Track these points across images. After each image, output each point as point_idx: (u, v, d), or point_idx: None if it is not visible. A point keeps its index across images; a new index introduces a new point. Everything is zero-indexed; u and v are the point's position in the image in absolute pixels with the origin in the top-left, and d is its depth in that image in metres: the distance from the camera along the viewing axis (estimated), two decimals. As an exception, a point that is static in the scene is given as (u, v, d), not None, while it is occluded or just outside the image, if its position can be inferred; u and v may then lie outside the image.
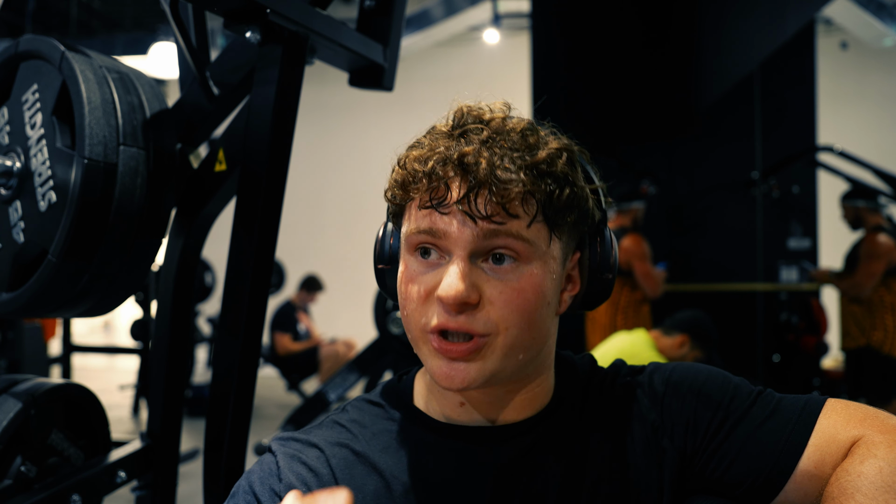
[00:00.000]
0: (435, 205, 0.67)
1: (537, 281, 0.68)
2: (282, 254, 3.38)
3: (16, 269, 1.25)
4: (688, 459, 0.73)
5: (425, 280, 0.68)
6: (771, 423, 0.71)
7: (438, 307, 0.67)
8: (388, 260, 0.76)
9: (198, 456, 3.61)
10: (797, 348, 4.68)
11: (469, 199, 0.65)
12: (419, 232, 0.68)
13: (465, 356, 0.67)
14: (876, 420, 0.69)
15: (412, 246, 0.69)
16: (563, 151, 0.70)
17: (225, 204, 1.47)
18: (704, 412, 0.73)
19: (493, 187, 0.65)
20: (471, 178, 0.65)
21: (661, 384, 0.76)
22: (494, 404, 0.73)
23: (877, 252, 3.81)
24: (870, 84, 7.72)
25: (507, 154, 0.66)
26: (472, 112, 0.71)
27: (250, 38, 1.24)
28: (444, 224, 0.67)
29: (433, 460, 0.73)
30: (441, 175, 0.66)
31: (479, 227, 0.66)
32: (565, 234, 0.71)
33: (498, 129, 0.69)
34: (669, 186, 4.78)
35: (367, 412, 0.79)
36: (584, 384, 0.79)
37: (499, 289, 0.67)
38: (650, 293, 4.02)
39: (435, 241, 0.68)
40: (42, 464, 1.30)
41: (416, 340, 0.70)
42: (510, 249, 0.67)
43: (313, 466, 0.72)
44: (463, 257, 0.66)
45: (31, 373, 1.48)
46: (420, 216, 0.68)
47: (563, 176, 0.68)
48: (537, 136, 0.70)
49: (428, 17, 7.05)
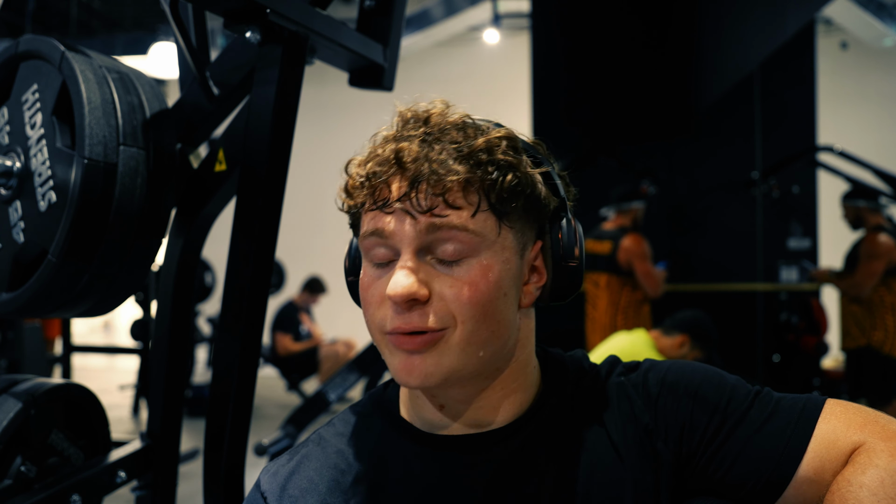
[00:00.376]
0: (379, 206, 0.67)
1: (489, 272, 0.67)
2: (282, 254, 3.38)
3: (16, 269, 1.25)
4: (684, 462, 0.72)
5: (379, 284, 0.69)
6: (770, 427, 0.69)
7: (391, 308, 0.67)
8: (354, 272, 0.77)
9: (198, 456, 3.61)
10: (797, 348, 4.68)
11: (409, 195, 0.66)
12: (367, 235, 0.69)
13: (420, 347, 0.66)
14: (876, 425, 0.68)
15: (366, 251, 0.70)
16: (503, 139, 0.69)
17: (225, 204, 1.47)
18: (701, 415, 0.71)
19: (431, 180, 0.65)
20: (408, 175, 0.66)
21: (656, 385, 0.74)
22: (471, 405, 0.72)
23: (877, 252, 3.81)
24: (870, 84, 7.72)
25: (445, 147, 0.66)
26: (412, 112, 0.71)
27: (250, 38, 1.24)
28: (387, 223, 0.67)
29: (420, 472, 0.72)
30: (380, 175, 0.67)
31: (420, 223, 0.65)
32: (517, 223, 0.69)
33: (435, 124, 0.69)
34: (669, 186, 4.77)
35: (353, 424, 0.78)
36: (574, 381, 0.77)
37: (448, 283, 0.66)
38: (651, 293, 4.01)
39: (384, 243, 0.68)
40: (42, 464, 1.30)
41: (379, 343, 0.70)
42: (456, 242, 0.66)
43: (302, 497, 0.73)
44: (409, 255, 0.66)
45: (31, 373, 1.48)
46: (367, 219, 0.69)
47: (505, 162, 0.67)
48: (476, 128, 0.70)
49: (428, 17, 7.05)
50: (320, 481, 0.73)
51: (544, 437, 0.73)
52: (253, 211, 1.27)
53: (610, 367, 0.79)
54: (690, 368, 0.76)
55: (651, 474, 0.71)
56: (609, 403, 0.75)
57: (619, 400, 0.75)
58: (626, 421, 0.73)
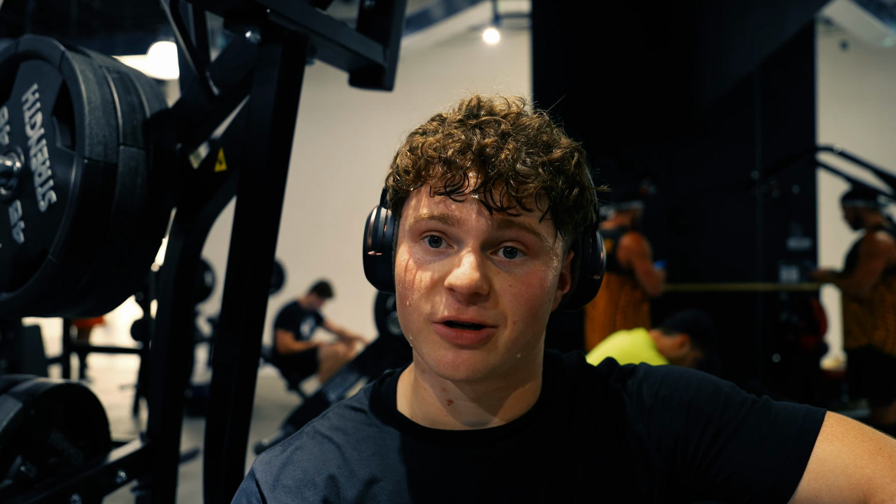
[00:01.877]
0: (450, 191, 0.66)
1: (543, 276, 0.68)
2: (282, 254, 3.38)
3: (16, 269, 1.25)
4: (680, 471, 0.72)
5: (433, 268, 0.67)
6: (769, 439, 0.69)
7: (448, 297, 0.66)
8: (380, 247, 0.74)
9: (198, 456, 3.61)
10: (797, 348, 4.68)
11: (486, 188, 0.65)
12: (431, 218, 0.67)
13: (474, 343, 0.66)
14: (882, 455, 0.67)
15: (419, 233, 0.68)
16: (575, 152, 0.70)
17: (225, 204, 1.47)
18: (695, 425, 0.71)
19: (511, 180, 0.65)
20: (489, 169, 0.65)
21: (650, 396, 0.74)
22: (481, 403, 0.73)
23: (876, 250, 3.81)
24: (870, 84, 7.72)
25: (524, 148, 0.67)
26: (485, 103, 0.71)
27: (250, 38, 1.24)
28: (458, 211, 0.66)
29: (419, 466, 0.72)
30: (459, 164, 0.66)
31: (493, 218, 0.65)
32: (568, 234, 0.71)
33: (514, 122, 0.69)
34: (669, 186, 4.78)
35: (349, 419, 0.78)
36: (572, 383, 0.78)
37: (508, 281, 0.67)
38: (651, 291, 4.02)
39: (446, 229, 0.67)
40: (42, 464, 1.30)
41: (419, 331, 0.69)
42: (521, 243, 0.67)
43: (297, 488, 0.72)
44: (475, 247, 0.66)
45: (31, 373, 1.48)
46: (432, 203, 0.67)
47: (574, 176, 0.69)
48: (551, 134, 0.70)
49: (428, 17, 7.05)
50: (315, 473, 0.73)
51: (542, 437, 0.73)
52: (253, 211, 1.27)
53: (607, 371, 0.79)
54: (685, 377, 0.76)
55: (643, 480, 0.71)
56: (606, 408, 0.75)
57: (615, 406, 0.75)
58: (621, 426, 0.74)
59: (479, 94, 0.72)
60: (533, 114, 0.72)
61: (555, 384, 0.77)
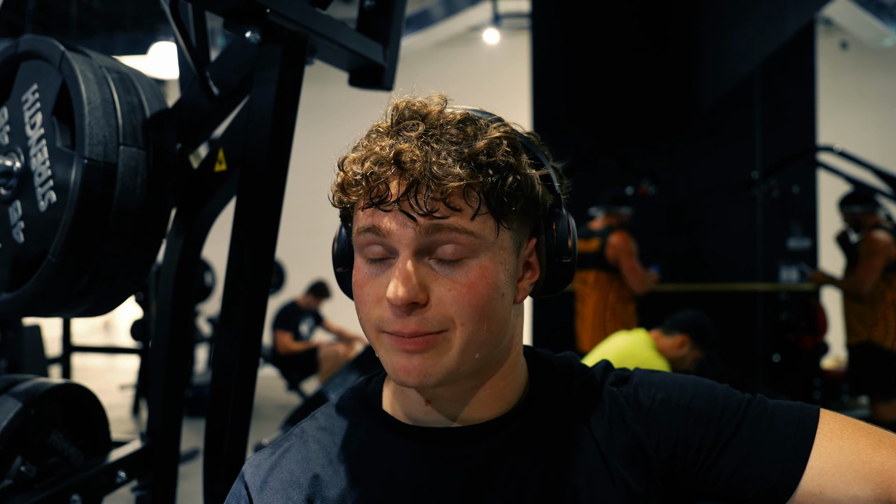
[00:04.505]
0: (376, 203, 0.65)
1: (488, 273, 0.66)
2: (282, 254, 3.37)
3: (16, 269, 1.25)
4: (678, 473, 0.72)
5: (377, 283, 0.68)
6: (768, 438, 0.70)
7: (390, 309, 0.66)
8: (344, 262, 0.75)
9: (198, 456, 3.61)
10: (797, 348, 4.69)
11: (408, 196, 0.64)
12: (363, 231, 0.67)
13: (420, 348, 0.66)
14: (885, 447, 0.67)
15: (361, 247, 0.69)
16: (504, 139, 0.67)
17: (225, 204, 1.47)
18: (695, 427, 0.71)
19: (431, 183, 0.63)
20: (408, 176, 0.64)
21: (647, 398, 0.74)
22: (459, 401, 0.72)
23: (875, 249, 3.86)
24: (870, 84, 7.72)
25: (445, 148, 0.65)
26: (409, 107, 0.69)
27: (250, 38, 1.24)
28: (386, 222, 0.65)
29: (403, 464, 0.72)
30: (378, 175, 0.65)
31: (420, 224, 0.64)
32: (515, 223, 0.69)
33: (434, 122, 0.67)
34: (669, 186, 4.78)
35: (335, 418, 0.78)
36: (564, 382, 0.77)
37: (447, 286, 0.66)
38: (636, 289, 4.04)
39: (381, 241, 0.66)
40: (42, 464, 1.30)
41: (373, 341, 0.69)
42: (456, 244, 0.65)
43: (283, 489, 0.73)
44: (408, 256, 0.65)
45: (31, 373, 1.48)
46: (364, 216, 0.67)
47: (505, 164, 0.66)
48: (475, 126, 0.67)
49: (428, 17, 7.06)
50: (301, 475, 0.73)
51: (529, 435, 0.73)
52: (253, 211, 1.27)
53: (602, 374, 0.78)
54: (681, 381, 0.76)
55: (639, 482, 0.71)
56: (599, 409, 0.75)
57: (609, 407, 0.75)
58: (616, 428, 0.73)
59: (404, 99, 0.70)
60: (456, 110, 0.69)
61: (542, 382, 0.77)
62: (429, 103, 0.69)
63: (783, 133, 4.80)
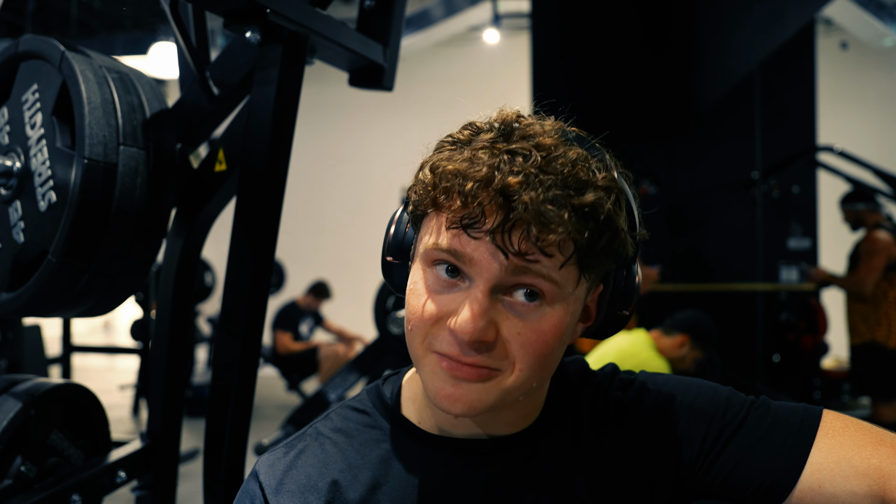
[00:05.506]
0: (465, 226, 0.61)
1: (558, 323, 0.63)
2: (282, 254, 3.37)
3: (16, 269, 1.25)
4: (684, 473, 0.72)
5: (440, 301, 0.63)
6: (770, 436, 0.70)
7: (451, 336, 0.63)
8: (398, 253, 0.71)
9: (198, 456, 3.61)
10: (797, 348, 4.69)
11: (505, 229, 0.59)
12: (442, 250, 0.62)
13: (474, 378, 0.63)
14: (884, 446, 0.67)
15: (431, 260, 0.64)
16: (612, 192, 0.63)
17: (225, 204, 1.47)
18: (698, 426, 0.72)
19: (533, 226, 0.59)
20: (510, 212, 0.59)
21: (651, 401, 0.75)
22: (488, 419, 0.72)
23: (876, 248, 3.87)
24: (870, 84, 7.72)
25: (553, 190, 0.59)
26: (521, 125, 0.65)
27: (250, 37, 1.24)
28: (471, 249, 0.61)
29: (423, 472, 0.72)
30: (478, 198, 0.59)
31: (509, 262, 0.60)
32: (594, 275, 0.66)
33: (548, 155, 0.61)
34: (669, 186, 4.78)
35: (352, 420, 0.77)
36: (577, 392, 0.77)
37: (518, 328, 0.62)
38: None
39: (457, 264, 0.62)
40: (42, 464, 1.30)
41: (420, 357, 0.66)
42: (537, 289, 0.62)
43: (300, 492, 0.72)
44: (485, 290, 0.61)
45: (31, 373, 1.48)
46: (446, 234, 0.62)
47: (607, 221, 0.62)
48: (588, 170, 0.62)
49: (428, 17, 7.05)
50: (319, 479, 0.72)
51: (546, 447, 0.73)
52: (253, 211, 1.27)
53: (608, 381, 0.78)
54: (684, 383, 0.76)
55: (647, 488, 0.72)
56: (608, 416, 0.75)
57: (617, 416, 0.75)
58: (624, 435, 0.74)
59: (515, 111, 0.66)
60: (570, 145, 0.64)
61: (559, 394, 0.77)
62: (543, 128, 0.65)
63: (783, 133, 4.79)
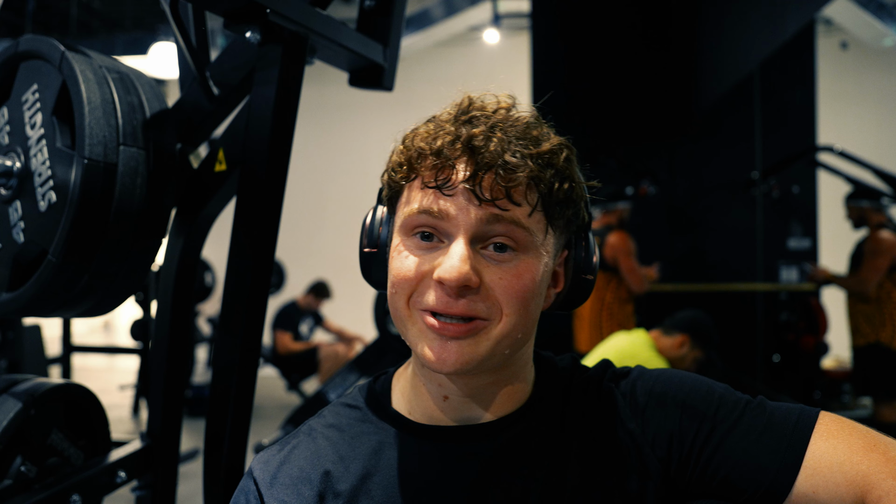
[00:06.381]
0: (440, 184, 0.66)
1: (533, 270, 0.68)
2: (282, 254, 3.38)
3: (16, 269, 1.25)
4: (677, 471, 0.72)
5: (422, 262, 0.68)
6: (764, 437, 0.69)
7: (437, 290, 0.67)
8: (375, 244, 0.75)
9: (198, 456, 3.61)
10: (797, 348, 4.69)
11: (474, 182, 0.65)
12: (421, 212, 0.68)
13: (462, 335, 0.67)
14: (877, 451, 0.67)
15: (411, 228, 0.69)
16: (564, 147, 0.71)
17: (225, 204, 1.47)
18: (690, 423, 0.72)
19: (501, 171, 0.65)
20: (478, 159, 0.65)
21: (644, 395, 0.75)
22: (474, 399, 0.73)
23: (880, 248, 3.86)
24: (870, 84, 7.72)
25: (514, 141, 0.67)
26: (476, 101, 0.71)
27: (250, 38, 1.24)
28: (447, 205, 0.66)
29: (413, 461, 0.73)
30: (448, 155, 0.66)
31: (482, 211, 0.66)
32: (559, 230, 0.72)
33: (504, 117, 0.69)
34: (669, 186, 4.78)
35: (344, 416, 0.79)
36: (565, 382, 0.78)
37: (498, 274, 0.67)
38: (634, 289, 4.04)
39: (436, 224, 0.67)
40: (42, 464, 1.30)
41: (405, 319, 0.69)
42: (510, 238, 0.67)
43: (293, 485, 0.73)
44: (465, 240, 0.66)
45: (31, 373, 1.48)
46: (423, 196, 0.68)
47: (566, 170, 0.69)
48: (540, 128, 0.70)
49: (428, 17, 7.06)
50: (311, 470, 0.74)
51: (534, 434, 0.74)
52: (253, 211, 1.27)
53: (601, 372, 0.79)
54: (679, 378, 0.76)
55: (637, 479, 0.71)
56: (599, 409, 0.75)
57: (609, 406, 0.75)
58: (614, 426, 0.74)
59: (469, 94, 0.73)
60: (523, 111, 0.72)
61: (547, 383, 0.78)
62: (498, 100, 0.72)
63: (783, 133, 4.80)
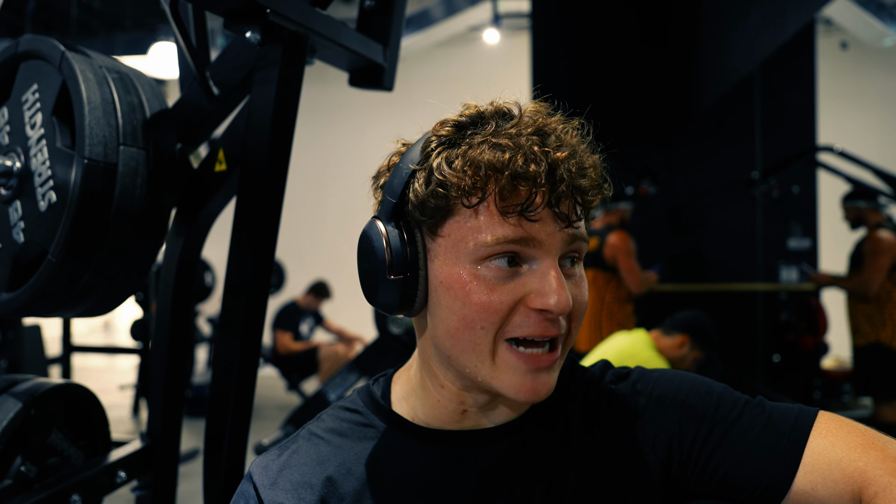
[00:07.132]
0: (522, 211, 0.63)
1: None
2: (282, 254, 3.38)
3: (16, 269, 1.25)
4: (678, 471, 0.72)
5: (506, 290, 0.65)
6: (763, 436, 0.70)
7: (534, 317, 0.65)
8: (405, 269, 0.67)
9: (198, 456, 3.61)
10: (797, 348, 4.68)
11: (559, 202, 0.65)
12: (508, 241, 0.64)
13: (552, 364, 0.68)
14: (875, 448, 0.67)
15: (487, 256, 0.64)
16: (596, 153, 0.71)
17: (225, 204, 1.47)
18: (689, 423, 0.72)
19: (578, 196, 0.65)
20: (558, 183, 0.64)
21: (644, 396, 0.75)
22: (490, 407, 0.73)
23: (881, 248, 3.85)
24: (870, 84, 7.72)
25: (576, 157, 0.66)
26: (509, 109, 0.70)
27: (250, 38, 1.24)
28: (535, 231, 0.64)
29: (415, 465, 0.72)
30: (530, 177, 0.63)
31: (565, 233, 0.66)
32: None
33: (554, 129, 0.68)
34: (669, 186, 4.78)
35: (344, 420, 0.78)
36: (565, 383, 0.78)
37: (574, 290, 0.68)
38: (634, 289, 4.04)
39: (520, 250, 0.65)
40: (42, 464, 1.30)
41: (485, 354, 0.66)
42: (579, 252, 0.69)
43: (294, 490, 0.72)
44: (555, 264, 0.66)
45: (31, 373, 1.48)
46: (505, 224, 0.64)
47: (601, 181, 0.70)
48: (573, 134, 0.70)
49: (428, 17, 7.06)
50: (313, 476, 0.73)
51: (536, 438, 0.74)
52: (253, 211, 1.27)
53: (601, 373, 0.79)
54: (678, 379, 0.76)
55: (638, 481, 0.72)
56: (598, 408, 0.75)
57: (607, 407, 0.75)
58: (615, 427, 0.74)
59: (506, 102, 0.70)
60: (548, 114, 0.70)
61: None
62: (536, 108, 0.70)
63: (783, 133, 4.79)
